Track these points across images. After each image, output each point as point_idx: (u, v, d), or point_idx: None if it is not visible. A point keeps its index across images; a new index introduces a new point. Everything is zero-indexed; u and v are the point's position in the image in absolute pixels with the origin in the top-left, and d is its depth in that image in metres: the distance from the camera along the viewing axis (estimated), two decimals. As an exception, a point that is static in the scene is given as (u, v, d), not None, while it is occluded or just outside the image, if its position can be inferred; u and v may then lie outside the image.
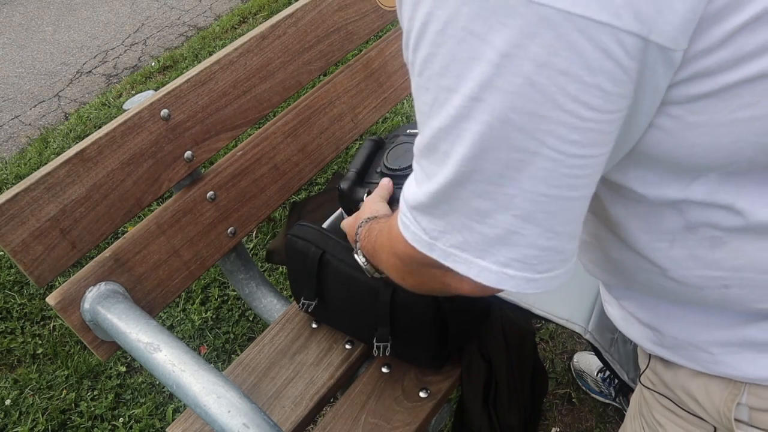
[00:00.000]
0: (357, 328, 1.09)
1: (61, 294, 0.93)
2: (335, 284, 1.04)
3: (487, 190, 0.42)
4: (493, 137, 0.40)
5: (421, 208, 0.48)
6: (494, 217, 0.43)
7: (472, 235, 0.45)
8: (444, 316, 0.96)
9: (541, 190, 0.41)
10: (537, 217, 0.42)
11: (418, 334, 0.99)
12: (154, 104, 1.00)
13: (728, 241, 0.48)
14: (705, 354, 0.57)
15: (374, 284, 0.96)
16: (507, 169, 0.41)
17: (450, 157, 0.43)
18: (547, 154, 0.39)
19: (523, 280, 0.45)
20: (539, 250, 0.44)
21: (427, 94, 0.43)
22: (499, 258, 0.44)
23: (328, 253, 1.02)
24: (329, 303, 1.09)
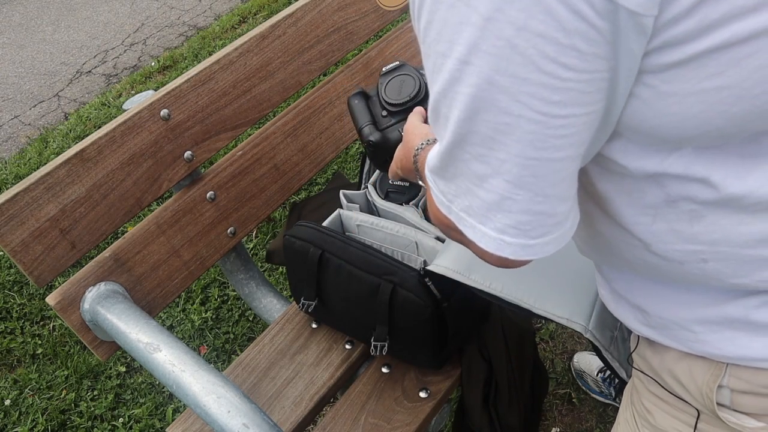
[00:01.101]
0: (356, 328, 1.09)
1: (60, 294, 0.93)
2: (335, 283, 1.04)
3: (482, 153, 0.45)
4: (482, 99, 0.42)
5: (436, 171, 0.51)
6: (489, 181, 0.46)
7: (474, 200, 0.48)
8: (443, 316, 0.96)
9: (529, 153, 0.43)
10: (527, 181, 0.44)
11: (416, 334, 0.99)
12: (154, 104, 1.00)
13: (705, 215, 0.50)
14: (688, 333, 0.58)
15: (374, 282, 0.96)
16: (496, 132, 0.43)
17: (449, 120, 0.45)
18: (531, 116, 0.41)
19: (519, 247, 0.48)
20: (531, 215, 0.46)
21: (428, 61, 0.46)
22: (496, 224, 0.47)
23: (327, 251, 1.02)
24: (329, 303, 1.09)
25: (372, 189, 1.12)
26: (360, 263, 0.98)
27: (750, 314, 0.53)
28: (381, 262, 0.97)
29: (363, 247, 0.99)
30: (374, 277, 0.97)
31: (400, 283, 0.95)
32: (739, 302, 0.54)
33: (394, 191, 1.09)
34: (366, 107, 0.99)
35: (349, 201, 1.13)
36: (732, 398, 0.57)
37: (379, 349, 0.99)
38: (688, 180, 0.48)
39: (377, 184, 1.12)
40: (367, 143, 0.95)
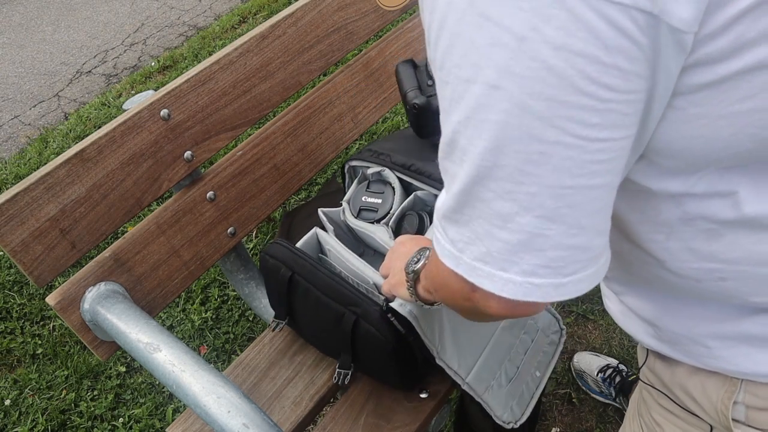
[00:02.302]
0: (327, 350, 1.09)
1: (60, 294, 0.93)
2: (304, 306, 1.03)
3: (508, 189, 0.41)
4: (512, 127, 0.39)
5: (449, 215, 0.47)
6: (516, 220, 0.41)
7: (494, 244, 0.43)
8: (409, 348, 0.94)
9: (565, 182, 0.40)
10: (561, 213, 0.41)
11: (381, 366, 0.98)
12: (154, 104, 1.00)
13: (724, 234, 0.48)
14: (702, 348, 0.57)
15: (339, 311, 0.95)
16: (528, 163, 0.39)
17: (469, 153, 0.41)
18: (569, 141, 0.38)
19: (551, 287, 0.43)
20: (565, 250, 0.42)
21: (446, 88, 0.42)
22: (523, 267, 0.43)
23: (297, 273, 1.00)
24: (300, 322, 1.08)
25: (346, 206, 1.10)
26: (326, 290, 0.97)
27: (766, 330, 0.53)
28: (346, 292, 0.95)
29: (331, 273, 0.97)
30: (339, 306, 0.96)
31: (363, 316, 0.93)
32: (756, 318, 0.53)
33: (366, 209, 1.08)
34: (413, 75, 1.02)
35: (326, 218, 1.11)
36: (747, 414, 0.57)
37: (342, 377, 0.99)
38: (709, 198, 0.47)
39: (351, 201, 1.10)
40: (411, 105, 0.99)
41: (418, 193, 1.05)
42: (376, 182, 1.10)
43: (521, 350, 1.06)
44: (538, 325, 1.11)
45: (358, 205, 1.09)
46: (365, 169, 1.12)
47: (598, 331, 1.69)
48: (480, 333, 1.00)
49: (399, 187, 1.07)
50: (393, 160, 1.08)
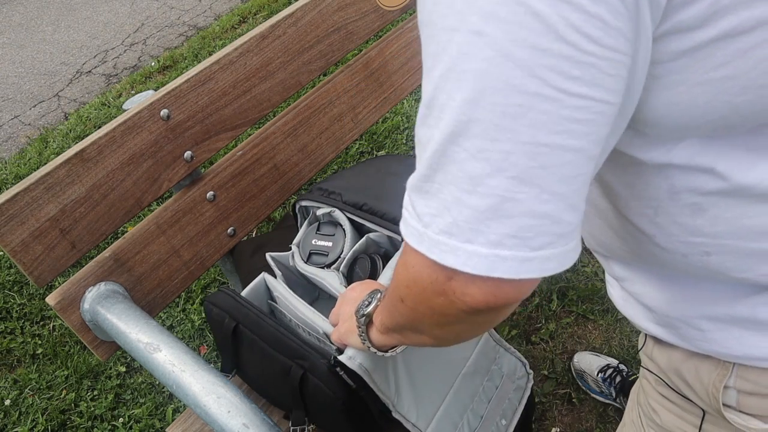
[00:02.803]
0: (278, 404, 1.05)
1: (60, 294, 0.93)
2: (250, 358, 0.99)
3: (481, 147, 0.40)
4: (493, 76, 0.38)
5: (419, 185, 0.45)
6: (486, 182, 0.40)
7: (462, 212, 0.41)
8: (362, 401, 0.89)
9: (540, 138, 0.39)
10: (534, 174, 0.40)
11: (333, 421, 0.94)
12: (154, 104, 1.00)
13: (708, 208, 0.49)
14: (695, 331, 0.58)
15: (286, 364, 0.92)
16: (504, 117, 0.39)
17: (447, 108, 0.41)
18: (548, 93, 0.38)
19: (517, 261, 0.41)
20: (535, 217, 0.41)
21: (431, 44, 0.42)
22: (489, 236, 0.41)
23: (241, 324, 0.96)
24: (248, 375, 1.05)
25: (296, 250, 1.06)
26: (272, 342, 0.93)
27: (758, 313, 0.53)
28: (292, 344, 0.91)
29: (276, 325, 0.93)
30: (286, 359, 0.92)
31: (310, 369, 0.89)
32: (747, 300, 0.54)
33: (317, 252, 1.03)
34: None
35: (275, 263, 1.07)
36: (738, 399, 0.57)
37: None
38: (692, 170, 0.48)
39: (300, 244, 1.06)
40: None
41: (371, 235, 1.00)
42: (326, 224, 1.06)
43: (485, 398, 1.01)
44: (503, 371, 1.06)
45: (308, 248, 1.04)
46: (315, 209, 1.07)
47: (598, 331, 1.69)
48: (440, 379, 0.95)
49: (350, 229, 1.02)
50: (344, 200, 1.03)
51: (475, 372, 1.01)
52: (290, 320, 1.01)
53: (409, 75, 1.45)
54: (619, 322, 1.68)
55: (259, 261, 1.20)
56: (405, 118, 2.48)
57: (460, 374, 0.98)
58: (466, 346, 1.01)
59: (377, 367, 0.84)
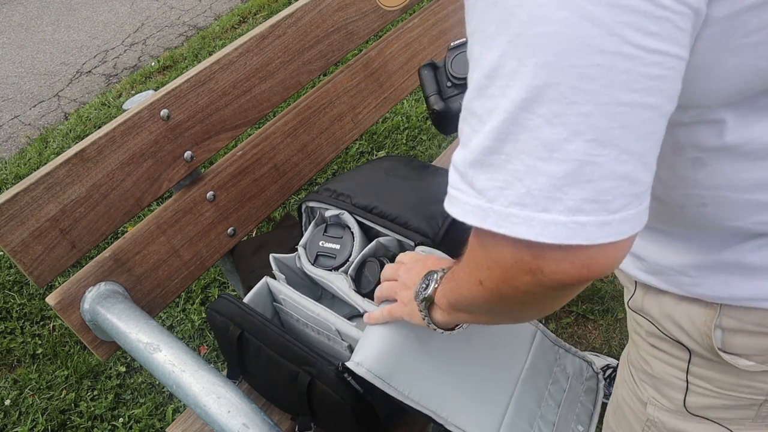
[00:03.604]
0: (285, 409, 1.05)
1: (60, 294, 0.93)
2: (256, 364, 0.98)
3: (558, 111, 0.39)
4: (569, 38, 0.37)
5: (481, 159, 0.43)
6: (564, 148, 0.39)
7: (537, 180, 0.40)
8: (369, 407, 0.89)
9: (620, 98, 0.38)
10: (613, 135, 0.39)
11: (341, 426, 0.93)
12: (154, 104, 1.00)
13: (709, 163, 0.51)
14: (685, 278, 0.61)
15: (293, 370, 0.91)
16: (582, 79, 0.38)
17: (518, 75, 0.40)
18: (628, 51, 0.38)
19: (596, 226, 0.40)
20: (614, 179, 0.40)
21: (493, 11, 0.40)
22: (567, 203, 0.40)
23: (246, 331, 0.96)
24: (255, 381, 1.05)
25: (302, 251, 1.05)
26: (278, 348, 0.93)
27: (744, 258, 0.56)
28: (299, 351, 0.90)
29: (281, 331, 0.93)
30: (293, 365, 0.91)
31: (317, 376, 0.88)
32: (735, 248, 0.57)
33: (324, 255, 1.03)
34: (434, 77, 1.01)
35: (278, 265, 1.06)
36: (724, 339, 0.61)
37: None
38: (699, 127, 0.49)
39: (307, 246, 1.05)
40: (431, 111, 0.99)
41: (381, 239, 0.99)
42: (334, 226, 1.05)
43: (553, 403, 0.96)
44: (567, 372, 1.00)
45: (315, 250, 1.04)
46: (323, 210, 1.06)
47: (598, 331, 1.69)
48: (497, 387, 0.90)
49: (359, 232, 1.01)
50: (354, 202, 1.02)
51: (536, 376, 0.95)
52: (297, 320, 1.01)
53: (409, 75, 1.45)
54: (619, 322, 1.68)
55: (260, 261, 1.20)
56: (405, 118, 2.48)
57: (519, 380, 0.93)
58: (520, 351, 0.96)
59: (420, 381, 0.81)
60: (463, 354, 0.88)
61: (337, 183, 1.08)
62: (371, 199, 1.02)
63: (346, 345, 0.93)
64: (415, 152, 2.35)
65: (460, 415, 0.84)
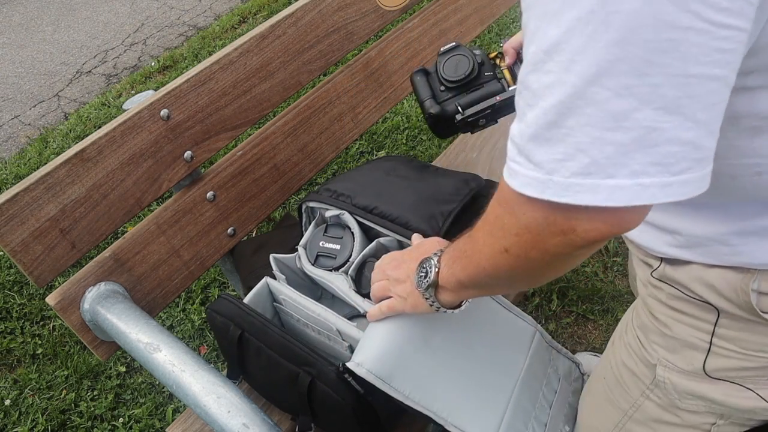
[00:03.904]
0: (285, 409, 1.05)
1: (60, 294, 0.93)
2: (257, 365, 0.99)
3: (628, 83, 0.40)
4: (645, 15, 0.39)
5: (540, 134, 0.45)
6: (632, 116, 0.41)
7: (604, 149, 0.42)
8: (369, 407, 0.89)
9: (690, 70, 0.40)
10: (680, 104, 0.41)
11: (341, 426, 0.93)
12: (154, 104, 1.00)
13: (766, 128, 0.50)
14: (723, 247, 0.61)
15: (293, 371, 0.91)
16: (655, 52, 0.39)
17: (588, 51, 0.41)
18: (700, 27, 0.39)
19: (658, 187, 0.42)
20: (678, 144, 0.42)
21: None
22: (633, 167, 0.42)
23: (247, 332, 0.96)
24: (255, 381, 1.05)
25: (302, 252, 1.05)
26: (278, 349, 0.93)
27: None
28: (299, 351, 0.90)
29: (282, 332, 0.93)
30: (293, 366, 0.91)
31: (318, 376, 0.89)
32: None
33: (324, 255, 1.03)
34: (427, 83, 1.05)
35: (278, 266, 1.06)
36: (758, 300, 0.61)
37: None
38: (761, 92, 0.49)
39: (307, 246, 1.05)
40: (428, 115, 1.02)
41: (381, 239, 0.99)
42: (334, 226, 1.05)
43: (546, 404, 0.97)
44: (559, 373, 1.02)
45: (315, 250, 1.04)
46: (323, 210, 1.06)
47: (598, 331, 1.69)
48: (498, 388, 0.91)
49: (359, 233, 1.01)
50: (354, 203, 1.03)
51: (533, 377, 0.97)
52: (298, 320, 1.01)
53: (409, 75, 1.45)
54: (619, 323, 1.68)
55: (260, 261, 1.20)
56: (405, 118, 2.48)
57: (518, 381, 0.94)
58: (519, 352, 0.97)
59: (422, 381, 0.82)
60: (464, 355, 0.88)
61: (337, 183, 1.08)
62: (371, 199, 1.02)
63: (347, 345, 0.93)
64: (415, 152, 2.35)
65: (461, 415, 0.85)
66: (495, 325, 0.95)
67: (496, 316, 0.97)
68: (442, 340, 0.86)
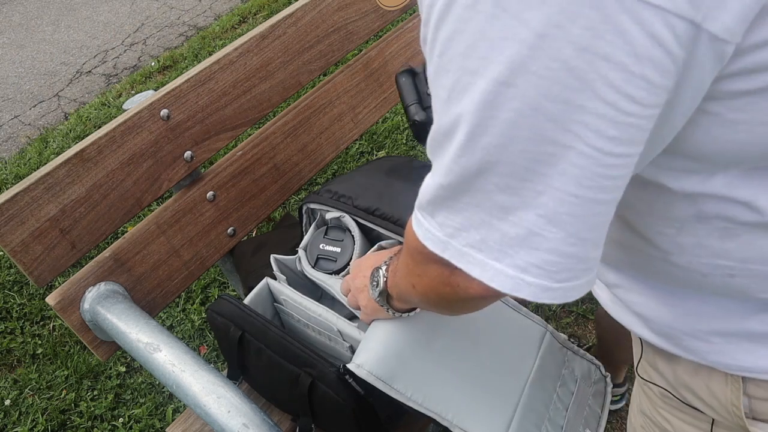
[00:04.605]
0: (285, 409, 1.05)
1: (60, 294, 0.93)
2: (257, 366, 0.99)
3: (511, 184, 0.39)
4: (522, 127, 0.36)
5: (439, 201, 0.44)
6: (517, 214, 0.40)
7: (491, 234, 0.41)
8: (370, 408, 0.89)
9: (571, 189, 0.38)
10: (562, 220, 0.39)
11: (341, 427, 0.93)
12: (154, 104, 1.00)
13: (740, 234, 0.47)
14: (703, 343, 0.56)
15: (293, 372, 0.92)
16: (535, 163, 0.37)
17: (470, 148, 0.39)
18: (582, 149, 0.36)
19: (540, 289, 0.42)
20: (561, 256, 0.41)
21: (446, 77, 0.39)
22: (517, 261, 0.41)
23: (247, 332, 0.96)
24: (255, 382, 1.05)
25: (303, 254, 1.04)
26: (279, 350, 0.93)
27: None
28: (299, 352, 0.90)
29: (282, 333, 0.93)
30: (294, 367, 0.91)
31: (318, 377, 0.89)
32: (760, 317, 0.52)
33: (324, 257, 1.02)
34: (413, 85, 0.98)
35: (279, 266, 1.05)
36: (752, 407, 0.57)
37: None
38: (728, 201, 0.45)
39: (307, 248, 1.05)
40: (412, 122, 0.97)
41: (383, 243, 0.98)
42: (334, 229, 1.05)
43: (561, 406, 0.94)
44: (575, 375, 0.99)
45: (316, 253, 1.03)
46: (324, 212, 1.06)
47: (598, 331, 1.68)
48: (506, 389, 0.90)
49: (359, 236, 1.01)
50: (356, 204, 1.01)
51: (544, 377, 0.95)
52: (298, 321, 1.01)
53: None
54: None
55: (260, 261, 1.20)
56: (405, 118, 2.48)
57: (528, 382, 0.92)
58: (528, 352, 0.96)
59: (426, 382, 0.81)
60: (469, 355, 0.88)
61: (338, 184, 1.08)
62: (373, 200, 1.01)
63: (348, 345, 0.93)
64: (415, 152, 2.35)
65: (466, 417, 0.83)
66: (501, 325, 0.95)
67: (502, 316, 0.96)
68: (446, 341, 0.85)
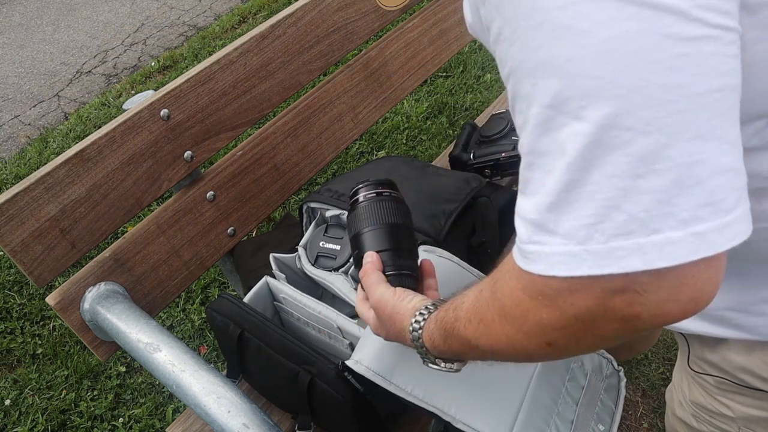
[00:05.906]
0: (285, 408, 1.06)
1: (60, 294, 0.93)
2: (256, 364, 0.99)
3: (651, 116, 0.35)
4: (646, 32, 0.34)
5: (562, 198, 0.38)
6: (665, 154, 0.35)
7: (640, 200, 0.35)
8: (369, 405, 0.89)
9: (713, 83, 0.35)
10: (713, 126, 0.35)
11: (341, 425, 0.93)
12: (154, 104, 1.00)
13: None
14: (755, 317, 0.54)
15: (293, 369, 0.91)
16: (671, 72, 0.34)
17: (595, 91, 0.35)
18: (710, 33, 0.35)
19: (715, 232, 0.35)
20: (722, 173, 0.36)
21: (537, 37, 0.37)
22: (681, 215, 0.35)
23: (246, 331, 0.96)
24: (255, 380, 1.05)
25: (302, 252, 1.05)
26: (278, 348, 0.93)
27: None
28: (299, 350, 0.90)
29: (281, 331, 0.93)
30: (293, 365, 0.91)
31: (318, 375, 0.89)
32: None
33: (324, 255, 1.02)
34: (469, 134, 1.31)
35: (278, 265, 1.06)
36: None
37: None
38: (759, 152, 0.44)
39: (307, 246, 1.05)
40: (449, 156, 1.25)
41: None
42: (334, 226, 1.04)
43: (571, 401, 0.91)
44: (585, 368, 0.96)
45: (316, 251, 1.03)
46: (324, 210, 1.06)
47: (598, 331, 1.68)
48: (511, 383, 0.86)
49: None
50: None
51: (552, 371, 0.91)
52: (298, 319, 1.01)
53: (409, 75, 1.45)
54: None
55: (260, 260, 1.20)
56: (405, 118, 2.48)
57: (534, 376, 0.88)
58: None
59: (428, 380, 0.79)
60: None
61: (338, 183, 1.08)
62: None
63: (348, 343, 0.93)
64: (415, 152, 2.35)
65: (470, 412, 0.80)
66: None
67: None
68: None
